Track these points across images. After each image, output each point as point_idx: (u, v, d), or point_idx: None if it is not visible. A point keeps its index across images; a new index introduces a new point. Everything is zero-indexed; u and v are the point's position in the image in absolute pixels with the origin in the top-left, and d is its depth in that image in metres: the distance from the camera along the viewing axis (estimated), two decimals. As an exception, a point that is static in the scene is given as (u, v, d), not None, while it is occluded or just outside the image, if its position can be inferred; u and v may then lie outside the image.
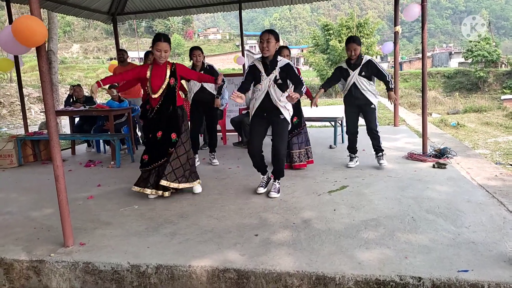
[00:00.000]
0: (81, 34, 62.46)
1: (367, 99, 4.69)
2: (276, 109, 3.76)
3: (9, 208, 3.90)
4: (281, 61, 3.74)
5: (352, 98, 4.73)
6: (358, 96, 4.69)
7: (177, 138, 3.89)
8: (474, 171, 4.52)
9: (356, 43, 4.59)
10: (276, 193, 3.87)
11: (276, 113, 3.79)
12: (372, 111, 4.73)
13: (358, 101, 4.71)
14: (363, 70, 4.65)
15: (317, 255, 2.56)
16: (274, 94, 3.73)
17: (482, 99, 25.21)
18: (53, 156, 2.77)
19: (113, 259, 2.65)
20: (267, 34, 3.64)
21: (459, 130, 11.22)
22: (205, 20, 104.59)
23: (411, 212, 3.25)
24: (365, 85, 4.66)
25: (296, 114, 4.71)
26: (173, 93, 3.88)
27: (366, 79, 4.67)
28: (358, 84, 4.66)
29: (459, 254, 2.49)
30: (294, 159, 4.84)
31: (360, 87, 4.66)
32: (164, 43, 3.72)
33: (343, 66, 4.77)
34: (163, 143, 3.88)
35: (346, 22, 29.96)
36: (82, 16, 8.56)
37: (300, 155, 4.86)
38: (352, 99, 4.75)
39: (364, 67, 4.64)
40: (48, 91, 2.71)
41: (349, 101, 4.80)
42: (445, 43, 72.05)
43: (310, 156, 4.98)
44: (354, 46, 4.57)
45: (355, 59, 4.65)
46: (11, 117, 15.43)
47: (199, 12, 9.20)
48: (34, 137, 6.20)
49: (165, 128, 3.88)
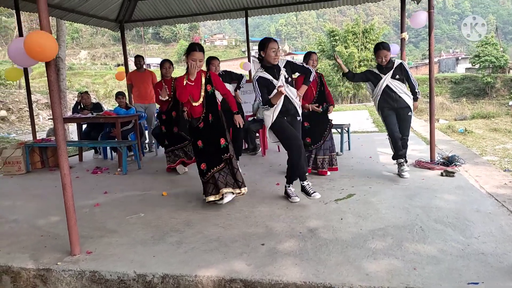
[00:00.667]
0: (89, 40, 63.12)
1: (405, 102, 4.58)
2: (295, 109, 3.85)
3: (16, 215, 3.92)
4: (280, 62, 3.80)
5: (391, 100, 4.59)
6: (397, 98, 4.56)
7: (226, 143, 3.88)
8: (483, 179, 4.46)
9: (386, 49, 4.49)
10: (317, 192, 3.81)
11: (295, 115, 3.87)
12: (409, 118, 4.68)
13: (398, 104, 4.58)
14: (397, 73, 4.54)
15: (324, 266, 2.53)
16: (290, 93, 3.79)
17: (490, 105, 25.00)
18: (60, 165, 2.78)
19: (120, 268, 2.65)
20: (273, 43, 3.68)
21: (466, 137, 11.13)
22: (211, 26, 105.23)
23: (419, 221, 3.21)
24: (401, 88, 4.56)
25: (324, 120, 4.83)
26: (212, 99, 3.91)
27: (400, 82, 4.57)
28: (393, 87, 4.55)
29: (468, 265, 2.45)
30: (318, 165, 4.87)
31: (397, 90, 4.55)
32: (199, 53, 3.70)
33: (374, 71, 4.68)
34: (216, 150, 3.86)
35: (352, 28, 29.98)
36: (90, 24, 8.65)
37: (324, 161, 4.86)
38: (390, 102, 4.60)
39: (397, 70, 4.54)
40: (56, 100, 2.73)
41: (387, 104, 4.63)
42: (452, 49, 71.78)
43: (334, 163, 4.97)
44: (385, 53, 4.47)
45: (386, 64, 4.55)
46: (19, 123, 15.58)
47: (205, 20, 9.26)
48: (42, 144, 6.25)
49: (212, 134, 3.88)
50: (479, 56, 30.90)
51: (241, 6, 8.47)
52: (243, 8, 8.49)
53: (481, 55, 30.65)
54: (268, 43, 3.67)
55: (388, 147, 4.95)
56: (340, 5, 8.36)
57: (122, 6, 8.41)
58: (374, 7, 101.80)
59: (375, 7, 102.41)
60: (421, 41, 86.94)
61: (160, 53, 60.48)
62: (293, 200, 3.90)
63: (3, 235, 3.39)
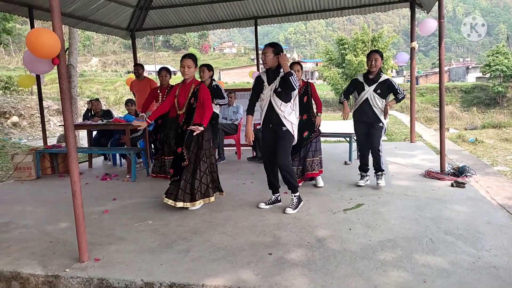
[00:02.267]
0: (100, 48, 64.08)
1: (376, 117, 4.56)
2: (279, 119, 3.80)
3: (26, 221, 3.96)
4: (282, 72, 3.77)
5: (364, 114, 4.61)
6: (369, 114, 4.56)
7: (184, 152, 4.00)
8: (494, 190, 4.41)
9: (379, 53, 4.52)
10: (292, 209, 3.85)
11: (279, 125, 3.82)
12: (379, 129, 4.59)
13: (369, 118, 4.59)
14: (380, 87, 4.53)
15: (332, 277, 2.51)
16: (274, 103, 3.79)
17: (501, 114, 24.72)
18: (71, 172, 2.81)
19: (127, 276, 2.65)
20: (266, 48, 3.77)
21: (477, 146, 10.99)
22: (221, 34, 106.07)
23: (429, 233, 3.17)
24: (378, 103, 4.54)
25: (307, 129, 4.74)
26: (192, 112, 4.02)
27: (379, 98, 4.55)
28: (371, 100, 4.54)
29: (479, 279, 2.41)
30: (307, 167, 4.80)
31: (373, 104, 4.54)
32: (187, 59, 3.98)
33: (359, 79, 4.67)
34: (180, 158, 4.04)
35: (361, 37, 29.98)
36: (102, 32, 8.79)
37: (313, 163, 4.81)
38: (363, 115, 4.62)
39: (381, 85, 4.53)
40: (68, 108, 2.77)
41: (360, 117, 4.68)
42: (462, 58, 71.32)
43: (321, 166, 4.89)
44: (375, 56, 4.45)
45: (375, 74, 4.53)
46: (30, 128, 15.80)
47: (215, 28, 9.35)
48: (52, 150, 6.32)
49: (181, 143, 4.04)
50: (489, 65, 30.68)
51: (251, 15, 8.54)
52: (252, 17, 8.55)
53: (492, 64, 30.44)
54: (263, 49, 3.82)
55: (398, 156, 4.93)
56: (349, 14, 8.38)
57: (134, 15, 8.54)
58: (384, 16, 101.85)
59: (385, 16, 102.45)
60: (431, 49, 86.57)
61: (170, 61, 61.08)
62: (259, 205, 4.05)
63: (13, 240, 3.42)
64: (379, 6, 7.86)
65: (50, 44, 2.61)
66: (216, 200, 4.45)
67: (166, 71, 5.66)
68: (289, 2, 8.05)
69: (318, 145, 4.87)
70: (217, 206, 4.20)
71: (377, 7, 7.93)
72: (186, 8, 8.41)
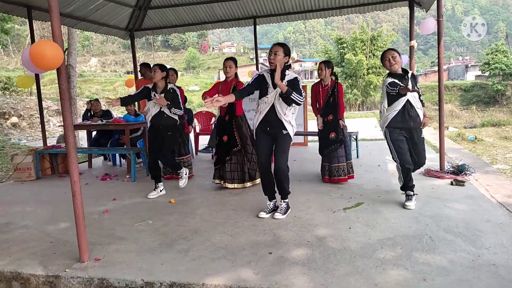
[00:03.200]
0: (99, 48, 64.01)
1: (421, 121, 3.88)
2: (280, 123, 3.64)
3: (26, 221, 3.96)
4: (289, 75, 3.64)
5: (409, 118, 3.79)
6: (415, 116, 3.80)
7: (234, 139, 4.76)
8: (494, 188, 4.41)
9: (394, 50, 3.90)
10: (281, 214, 3.71)
11: (280, 128, 3.65)
12: (423, 140, 4.01)
13: (415, 123, 3.81)
14: (413, 84, 3.77)
15: (332, 276, 2.51)
16: (279, 107, 3.61)
17: (500, 112, 24.75)
18: (70, 173, 2.81)
19: (128, 276, 2.65)
20: (276, 46, 3.59)
21: (477, 145, 11.01)
22: (220, 34, 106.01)
23: (429, 231, 3.18)
24: (418, 102, 3.86)
25: (333, 130, 4.72)
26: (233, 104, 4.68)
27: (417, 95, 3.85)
28: (413, 101, 3.78)
29: (479, 277, 2.41)
30: (333, 173, 4.82)
31: (416, 105, 3.80)
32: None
33: (395, 81, 3.76)
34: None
35: (360, 36, 29.99)
36: (101, 32, 8.77)
37: (339, 169, 4.81)
38: (407, 120, 3.79)
39: (413, 80, 3.82)
40: (67, 108, 2.77)
41: (403, 123, 3.79)
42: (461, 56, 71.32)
43: (350, 171, 4.89)
44: (391, 53, 3.82)
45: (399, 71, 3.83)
46: (30, 129, 15.79)
47: (214, 28, 9.33)
48: (52, 150, 6.32)
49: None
50: (489, 63, 30.68)
51: (250, 14, 8.52)
52: (251, 16, 8.54)
53: (491, 62, 30.44)
54: (272, 46, 3.67)
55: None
56: (348, 13, 8.36)
57: (133, 15, 8.52)
58: (383, 15, 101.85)
59: (384, 15, 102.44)
60: (430, 48, 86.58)
61: (169, 61, 61.06)
62: (260, 215, 3.75)
63: (14, 241, 3.42)
64: (378, 5, 7.84)
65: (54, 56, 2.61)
66: (216, 199, 4.48)
67: (173, 71, 5.64)
68: (288, 2, 8.04)
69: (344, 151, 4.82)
70: (217, 205, 4.21)
71: (376, 6, 7.91)
72: (185, 8, 8.40)
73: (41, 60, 2.59)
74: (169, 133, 4.59)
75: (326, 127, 4.78)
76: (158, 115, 4.53)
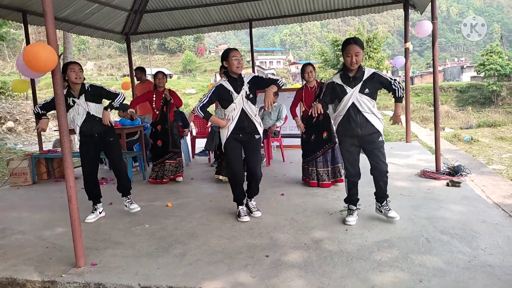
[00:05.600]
0: (95, 52, 63.88)
1: (373, 127, 3.39)
2: (254, 126, 3.71)
3: (22, 227, 3.94)
4: (245, 77, 3.73)
5: (354, 124, 3.38)
6: (362, 122, 3.38)
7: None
8: (489, 189, 4.43)
9: (358, 45, 3.28)
10: (259, 211, 3.88)
11: (253, 133, 3.72)
12: (381, 145, 3.44)
13: (363, 130, 3.39)
14: (367, 86, 3.36)
15: (329, 278, 2.51)
16: (249, 109, 3.67)
17: (496, 113, 24.91)
18: (66, 177, 2.81)
19: (124, 281, 2.65)
20: (236, 51, 3.65)
21: (472, 145, 11.07)
22: (216, 37, 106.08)
23: (425, 232, 3.19)
24: (369, 106, 3.38)
25: (325, 129, 4.71)
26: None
27: (369, 98, 3.38)
28: (359, 105, 3.36)
29: (475, 278, 2.42)
30: (321, 177, 4.81)
31: (363, 109, 3.36)
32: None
33: (337, 82, 3.44)
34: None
35: (355, 38, 30.10)
36: (97, 36, 8.78)
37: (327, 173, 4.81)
38: (353, 127, 3.39)
39: (368, 82, 3.36)
40: (62, 113, 2.77)
41: (349, 130, 3.43)
42: (457, 57, 71.69)
43: (337, 175, 4.85)
44: (356, 49, 3.26)
45: (355, 71, 3.37)
46: (26, 133, 15.72)
47: (210, 31, 9.37)
48: (48, 155, 6.30)
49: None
50: (484, 64, 30.88)
51: (246, 17, 8.56)
52: (247, 19, 8.58)
53: (486, 63, 30.64)
54: (229, 52, 3.62)
55: (394, 156, 4.93)
56: (344, 16, 8.42)
57: (128, 18, 8.54)
58: (378, 17, 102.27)
59: (379, 17, 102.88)
60: (426, 49, 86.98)
61: (165, 64, 61.04)
62: (242, 219, 3.73)
63: (10, 246, 3.41)
64: (373, 7, 7.90)
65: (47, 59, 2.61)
66: (213, 202, 4.48)
67: (163, 75, 5.64)
68: (284, 4, 8.08)
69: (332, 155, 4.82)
70: (214, 209, 4.21)
71: (371, 8, 7.97)
72: (181, 11, 8.42)
73: (35, 62, 2.59)
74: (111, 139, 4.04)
75: (317, 126, 4.76)
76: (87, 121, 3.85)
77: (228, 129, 3.68)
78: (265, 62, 60.22)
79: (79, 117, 3.84)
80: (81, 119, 3.83)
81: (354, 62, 3.28)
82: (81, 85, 3.86)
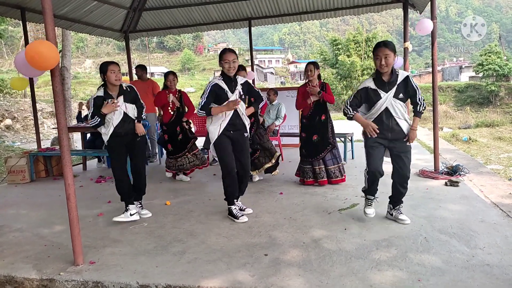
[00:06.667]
0: (94, 49, 63.73)
1: (403, 132, 3.37)
2: (243, 124, 3.83)
3: (20, 224, 3.93)
4: (239, 78, 3.83)
5: (385, 129, 3.36)
6: (393, 127, 3.35)
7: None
8: (488, 189, 4.44)
9: (389, 48, 3.22)
10: (250, 209, 3.99)
11: (242, 130, 3.84)
12: (408, 149, 3.44)
13: (393, 134, 3.36)
14: (401, 90, 3.32)
15: (327, 277, 2.52)
16: (241, 108, 3.77)
17: (494, 113, 24.94)
18: (65, 175, 2.80)
19: (122, 279, 2.64)
20: (232, 54, 3.66)
21: (471, 145, 11.09)
22: (215, 35, 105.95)
23: (424, 232, 3.19)
24: (402, 111, 3.36)
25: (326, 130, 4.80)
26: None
27: (402, 104, 3.36)
28: (393, 110, 3.33)
29: (473, 277, 2.43)
30: (331, 174, 4.84)
31: (396, 115, 3.33)
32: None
33: (371, 87, 3.37)
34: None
35: (354, 37, 30.12)
36: (96, 34, 8.74)
37: (335, 170, 4.86)
38: (383, 131, 3.36)
39: (401, 87, 3.32)
40: (61, 111, 2.76)
41: (379, 133, 3.37)
42: (456, 57, 71.73)
43: (343, 173, 4.93)
44: (386, 52, 3.21)
45: (388, 75, 3.32)
46: (24, 131, 15.68)
47: (209, 29, 9.34)
48: (46, 153, 6.29)
49: None
50: (482, 64, 30.89)
51: (245, 16, 8.53)
52: (246, 18, 8.55)
53: (485, 63, 30.65)
54: (222, 55, 3.67)
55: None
56: (343, 15, 8.40)
57: (127, 16, 8.50)
58: (377, 16, 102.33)
59: (378, 16, 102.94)
60: (424, 49, 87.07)
61: (164, 62, 60.92)
62: (241, 220, 3.68)
63: (7, 244, 3.40)
64: (372, 6, 7.89)
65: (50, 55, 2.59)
66: (212, 201, 4.47)
67: (174, 75, 5.54)
68: (283, 3, 8.06)
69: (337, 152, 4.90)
70: (212, 207, 4.21)
71: (370, 8, 7.95)
72: (180, 9, 8.39)
73: (38, 59, 2.57)
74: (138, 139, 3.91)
75: (321, 127, 4.78)
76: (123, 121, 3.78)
77: (221, 126, 3.73)
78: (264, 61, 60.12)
79: (116, 118, 3.71)
80: (117, 120, 3.72)
81: (383, 65, 3.23)
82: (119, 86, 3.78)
